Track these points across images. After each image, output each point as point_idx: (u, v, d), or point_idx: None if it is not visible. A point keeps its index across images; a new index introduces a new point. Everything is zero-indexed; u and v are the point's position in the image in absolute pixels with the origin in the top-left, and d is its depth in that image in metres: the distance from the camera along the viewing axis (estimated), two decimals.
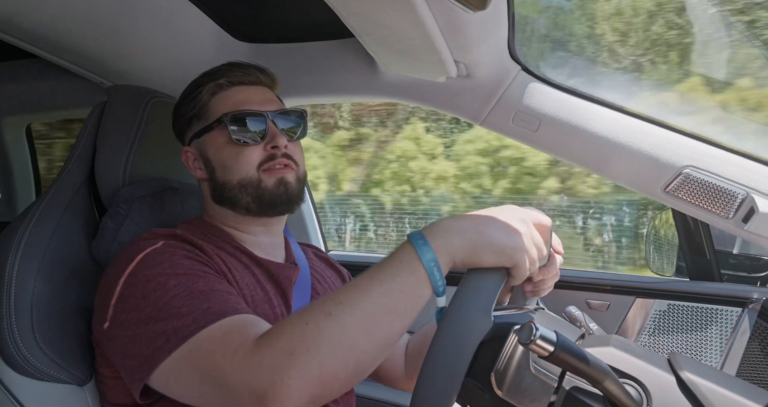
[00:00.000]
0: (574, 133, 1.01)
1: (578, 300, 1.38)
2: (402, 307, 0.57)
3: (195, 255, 0.74)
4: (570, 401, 0.54)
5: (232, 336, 0.60)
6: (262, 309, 0.79)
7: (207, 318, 0.62)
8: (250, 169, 0.83)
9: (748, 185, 0.92)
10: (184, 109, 0.90)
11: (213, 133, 0.85)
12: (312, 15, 1.07)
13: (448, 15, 0.77)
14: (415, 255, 0.57)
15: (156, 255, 0.71)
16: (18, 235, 0.80)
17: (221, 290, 0.68)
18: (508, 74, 1.05)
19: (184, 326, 0.62)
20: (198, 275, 0.69)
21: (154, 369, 0.62)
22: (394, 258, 0.58)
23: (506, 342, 0.57)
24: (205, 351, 0.60)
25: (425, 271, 0.56)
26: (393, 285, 0.57)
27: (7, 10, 0.92)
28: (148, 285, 0.67)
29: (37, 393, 0.76)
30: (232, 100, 0.86)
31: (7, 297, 0.75)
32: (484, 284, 0.57)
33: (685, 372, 0.55)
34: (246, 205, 0.84)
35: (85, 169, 0.93)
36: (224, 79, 0.87)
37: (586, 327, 0.74)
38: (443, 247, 0.57)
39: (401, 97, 1.17)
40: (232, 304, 0.66)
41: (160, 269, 0.68)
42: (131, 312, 0.66)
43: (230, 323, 0.62)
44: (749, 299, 1.23)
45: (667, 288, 1.32)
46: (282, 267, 0.89)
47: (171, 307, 0.64)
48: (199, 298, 0.65)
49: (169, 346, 0.61)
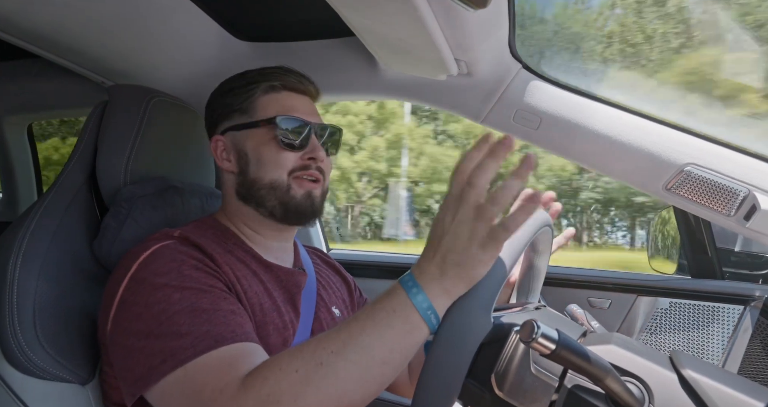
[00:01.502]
0: (575, 131, 1.01)
1: (580, 298, 1.38)
2: (395, 357, 0.56)
3: (204, 265, 0.74)
4: (572, 399, 0.54)
5: (224, 370, 0.60)
6: (271, 317, 0.79)
7: (204, 343, 0.62)
8: (282, 173, 0.85)
9: (750, 183, 0.92)
10: (229, 100, 0.90)
11: (259, 129, 0.86)
12: (312, 14, 1.07)
13: (448, 13, 0.77)
14: (410, 303, 0.55)
15: (165, 262, 0.71)
16: (20, 235, 0.80)
17: (225, 309, 0.68)
18: (509, 72, 1.05)
19: (181, 349, 0.62)
20: (204, 291, 0.69)
21: (148, 388, 0.63)
22: (388, 304, 0.56)
23: (506, 343, 0.57)
24: (195, 383, 0.60)
25: (423, 320, 0.55)
26: (387, 335, 0.55)
27: (8, 10, 0.92)
28: (154, 295, 0.67)
29: (40, 391, 0.76)
30: (282, 103, 0.88)
31: (10, 297, 0.75)
32: (484, 285, 0.57)
33: (686, 370, 0.55)
34: (271, 208, 0.85)
35: (87, 169, 0.93)
36: (279, 81, 0.89)
37: (588, 325, 0.74)
38: (437, 292, 0.55)
39: (402, 96, 1.17)
40: (232, 327, 0.66)
41: (167, 279, 0.69)
42: (134, 321, 0.67)
43: (226, 354, 0.62)
44: (751, 297, 1.23)
45: (668, 286, 1.32)
46: (291, 273, 0.89)
47: (172, 324, 0.64)
48: (201, 318, 0.65)
49: (164, 368, 0.62)
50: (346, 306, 1.02)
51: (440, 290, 0.55)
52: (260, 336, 0.76)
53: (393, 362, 0.56)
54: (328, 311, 0.93)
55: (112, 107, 0.94)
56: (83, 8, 0.94)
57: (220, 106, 0.91)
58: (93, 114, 0.95)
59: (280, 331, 0.80)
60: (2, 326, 0.75)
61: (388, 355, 0.55)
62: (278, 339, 0.79)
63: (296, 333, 0.83)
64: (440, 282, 0.55)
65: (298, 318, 0.85)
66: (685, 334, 1.27)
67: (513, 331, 0.58)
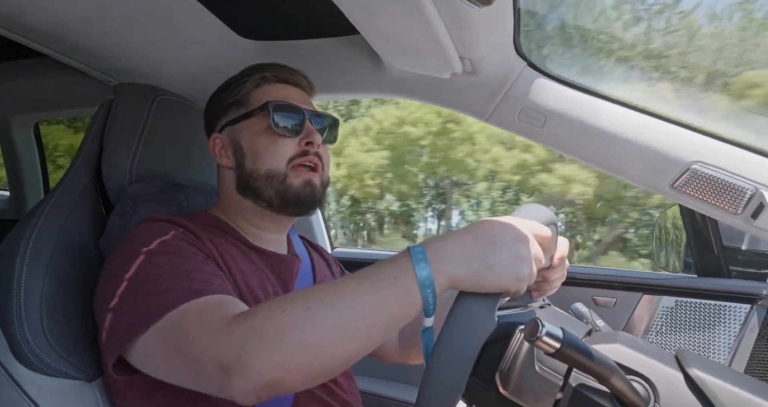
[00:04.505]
0: (581, 129, 1.01)
1: (585, 296, 1.38)
2: (384, 323, 0.55)
3: (187, 237, 0.75)
4: (577, 398, 0.54)
5: (208, 312, 0.61)
6: (258, 295, 0.79)
7: (186, 295, 0.63)
8: (280, 161, 0.85)
9: (758, 180, 0.91)
10: (224, 95, 0.91)
11: (252, 119, 0.87)
12: (317, 12, 1.07)
13: (453, 11, 0.77)
14: (413, 275, 0.54)
15: (150, 234, 0.73)
16: (27, 233, 0.80)
17: (206, 271, 0.69)
18: (514, 70, 1.05)
19: (163, 302, 0.63)
20: (187, 256, 0.71)
21: (131, 341, 0.63)
22: (390, 270, 0.55)
23: (511, 341, 0.57)
24: (180, 325, 0.61)
25: (420, 295, 0.54)
26: (381, 299, 0.54)
27: (15, 9, 0.92)
28: (135, 261, 0.68)
29: (47, 388, 0.77)
30: (275, 93, 0.89)
31: (17, 294, 0.76)
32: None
33: (692, 369, 0.55)
34: (269, 199, 0.85)
35: (92, 167, 0.94)
36: (271, 73, 0.90)
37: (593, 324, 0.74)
38: (444, 275, 0.55)
39: (406, 94, 1.17)
40: (215, 285, 0.67)
41: (151, 247, 0.70)
42: (118, 285, 0.68)
43: (209, 301, 0.63)
44: (758, 295, 1.22)
45: (674, 284, 1.32)
46: (284, 258, 0.89)
47: (155, 282, 0.65)
48: (182, 276, 0.66)
49: (148, 321, 0.62)
50: None
51: (449, 274, 0.55)
52: None
53: (380, 326, 0.55)
54: None
55: (118, 105, 0.95)
56: (89, 7, 0.94)
57: (216, 103, 0.92)
58: (99, 112, 0.96)
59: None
60: (10, 323, 0.76)
61: (376, 319, 0.54)
62: None
63: None
64: (454, 268, 0.54)
65: None
66: (691, 333, 1.26)
67: (517, 330, 0.58)
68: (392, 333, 0.57)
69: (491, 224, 0.58)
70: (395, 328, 0.56)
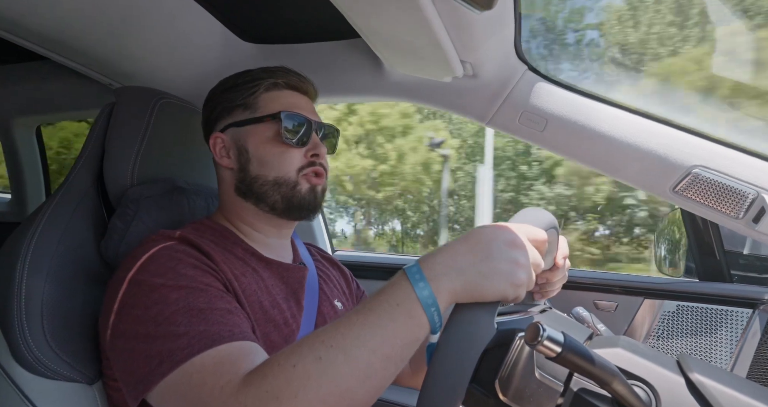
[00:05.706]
0: (582, 133, 1.01)
1: (586, 300, 1.37)
2: (397, 352, 0.54)
3: (201, 263, 0.74)
4: (578, 403, 0.54)
5: (222, 368, 0.59)
6: (271, 314, 0.79)
7: (201, 343, 0.62)
8: (291, 171, 0.86)
9: (759, 185, 0.91)
10: (230, 95, 0.90)
11: (261, 125, 0.87)
12: (318, 15, 1.08)
13: (454, 14, 0.77)
14: (415, 298, 0.54)
15: (163, 262, 0.71)
16: (28, 236, 0.80)
17: (221, 308, 0.68)
18: (515, 74, 1.05)
19: (178, 349, 0.62)
20: (200, 289, 0.69)
21: (149, 391, 0.63)
22: (391, 296, 0.55)
23: (511, 348, 0.57)
24: (194, 383, 0.59)
25: (425, 316, 0.54)
26: (389, 329, 0.53)
27: (16, 12, 0.93)
28: (151, 296, 0.67)
29: (47, 391, 0.77)
30: (285, 100, 0.89)
31: (18, 297, 0.76)
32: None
33: (694, 374, 0.54)
34: (273, 203, 0.86)
35: (94, 170, 0.94)
36: (282, 79, 0.90)
37: (594, 328, 0.74)
38: (444, 291, 0.54)
39: (407, 98, 1.17)
40: (229, 326, 0.65)
41: (164, 280, 0.68)
42: (133, 324, 0.67)
43: (223, 353, 0.61)
44: (760, 300, 1.22)
45: (676, 288, 1.31)
46: (292, 268, 0.89)
47: (169, 324, 0.64)
48: (197, 317, 0.65)
49: (162, 370, 0.61)
50: (347, 298, 1.02)
51: (449, 290, 0.54)
52: (261, 334, 0.76)
53: (395, 357, 0.54)
54: (330, 305, 0.93)
55: (120, 109, 0.95)
56: (90, 10, 0.94)
57: (221, 102, 0.92)
58: (101, 115, 0.96)
59: (281, 328, 0.79)
60: (11, 326, 0.76)
61: (390, 350, 0.54)
62: (279, 336, 0.78)
63: (300, 330, 0.83)
64: (452, 282, 0.54)
65: (300, 314, 0.84)
66: (693, 338, 1.26)
67: (517, 336, 0.58)
68: (407, 359, 0.56)
69: (485, 231, 0.58)
70: (409, 354, 0.56)
